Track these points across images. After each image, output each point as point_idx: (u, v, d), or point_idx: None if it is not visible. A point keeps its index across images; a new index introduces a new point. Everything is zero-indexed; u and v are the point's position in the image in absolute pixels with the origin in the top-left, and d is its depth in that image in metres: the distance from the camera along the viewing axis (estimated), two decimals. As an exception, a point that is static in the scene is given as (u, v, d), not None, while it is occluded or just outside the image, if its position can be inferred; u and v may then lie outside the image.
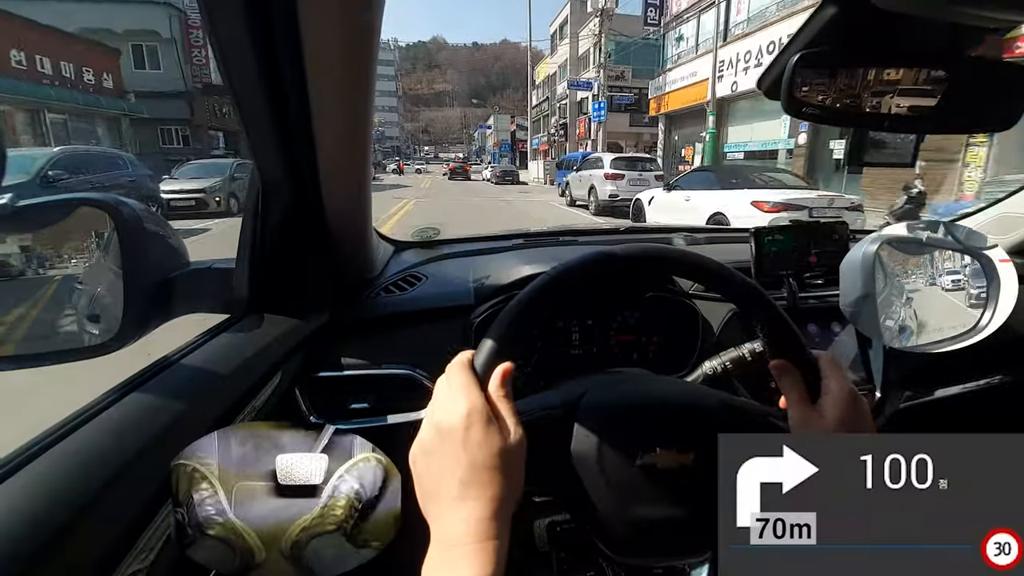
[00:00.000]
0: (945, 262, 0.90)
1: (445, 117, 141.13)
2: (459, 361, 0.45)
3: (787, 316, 0.51)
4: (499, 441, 0.40)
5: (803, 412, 0.48)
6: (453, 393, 0.42)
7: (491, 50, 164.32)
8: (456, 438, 0.40)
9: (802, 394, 0.49)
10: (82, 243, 0.58)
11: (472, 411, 0.40)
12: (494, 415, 0.41)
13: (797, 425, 0.49)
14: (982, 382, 1.09)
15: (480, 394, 0.42)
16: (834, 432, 0.47)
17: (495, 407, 0.42)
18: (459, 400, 0.41)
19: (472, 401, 0.41)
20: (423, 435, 0.42)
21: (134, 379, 0.54)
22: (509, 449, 0.40)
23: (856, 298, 0.85)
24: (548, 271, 0.49)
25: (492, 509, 0.38)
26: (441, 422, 0.41)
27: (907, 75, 0.47)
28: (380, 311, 0.92)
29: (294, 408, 0.79)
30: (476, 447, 0.39)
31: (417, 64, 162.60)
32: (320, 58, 0.52)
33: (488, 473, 0.39)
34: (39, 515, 0.37)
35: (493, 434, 0.40)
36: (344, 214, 0.77)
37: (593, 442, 0.48)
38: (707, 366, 0.73)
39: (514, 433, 0.41)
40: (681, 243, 1.31)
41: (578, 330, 0.96)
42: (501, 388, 0.43)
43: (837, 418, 0.47)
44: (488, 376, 0.43)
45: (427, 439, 0.41)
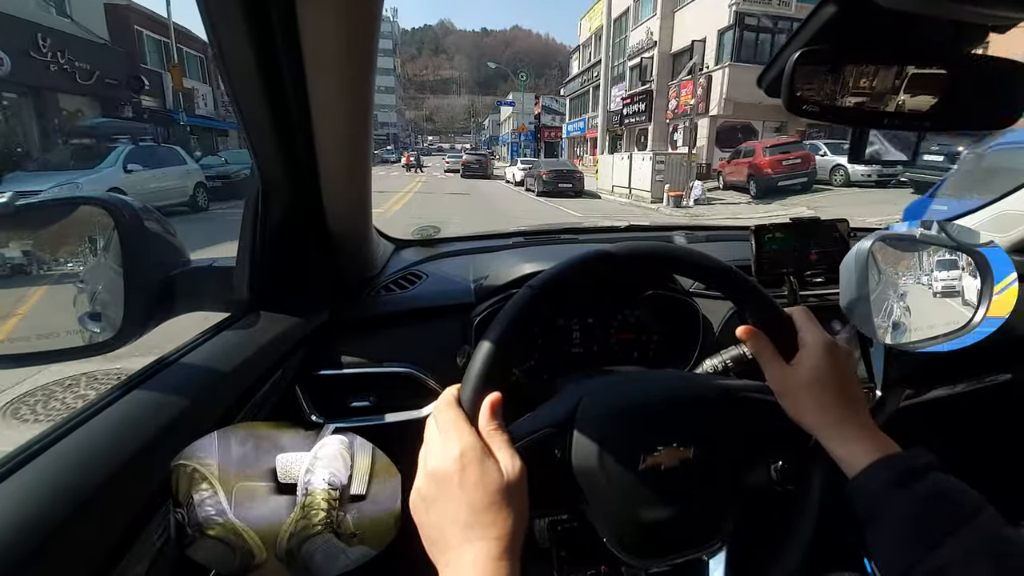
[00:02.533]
0: (938, 260, 0.90)
1: (451, 105, 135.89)
2: (445, 399, 0.43)
3: (755, 283, 0.51)
4: (497, 478, 0.39)
5: (779, 371, 0.49)
6: (443, 436, 0.41)
7: (501, 36, 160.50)
8: (452, 482, 0.39)
9: (773, 353, 0.49)
10: (83, 242, 0.58)
11: (464, 452, 0.39)
12: (488, 451, 0.40)
13: (776, 385, 0.49)
14: (982, 382, 1.09)
15: (471, 431, 0.41)
16: (809, 383, 0.47)
17: (488, 442, 0.41)
18: (450, 442, 0.40)
19: (463, 441, 0.40)
20: (419, 484, 0.41)
21: (135, 377, 0.54)
22: (508, 484, 0.39)
23: (856, 297, 0.85)
24: (517, 295, 0.47)
25: (500, 548, 0.37)
26: (435, 468, 0.40)
27: (907, 73, 0.47)
28: (380, 309, 0.92)
29: (295, 406, 0.79)
30: (473, 488, 0.38)
31: (423, 49, 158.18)
32: (320, 58, 0.51)
33: (490, 513, 0.38)
34: (39, 513, 0.37)
35: (489, 471, 0.39)
36: (344, 212, 0.77)
37: (594, 453, 0.48)
38: (707, 364, 0.73)
39: (511, 466, 0.40)
40: (682, 241, 1.31)
41: (579, 328, 0.96)
42: (492, 421, 0.42)
43: (811, 368, 0.47)
44: (477, 410, 0.42)
45: (424, 487, 0.40)
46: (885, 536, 0.41)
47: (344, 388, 0.84)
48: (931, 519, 0.39)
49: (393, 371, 0.84)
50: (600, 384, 0.56)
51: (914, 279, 0.90)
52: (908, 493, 0.40)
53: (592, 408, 0.51)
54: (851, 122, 0.51)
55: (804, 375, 0.47)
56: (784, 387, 0.49)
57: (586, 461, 0.48)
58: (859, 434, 0.45)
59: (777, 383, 0.49)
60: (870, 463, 0.43)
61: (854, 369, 0.50)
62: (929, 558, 0.37)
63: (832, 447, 0.46)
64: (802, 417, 0.48)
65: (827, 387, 0.47)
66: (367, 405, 0.84)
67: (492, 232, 1.39)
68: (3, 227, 0.55)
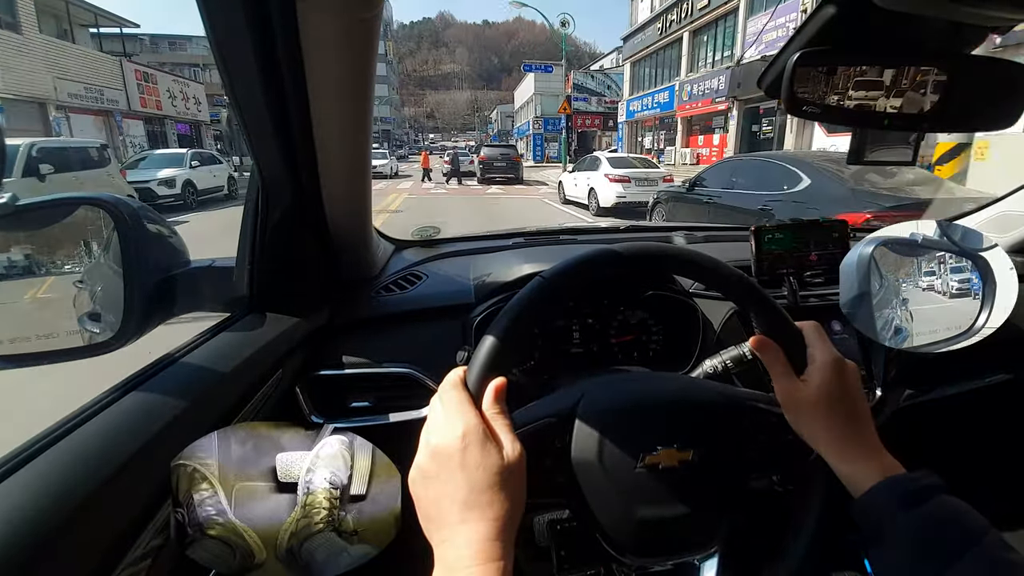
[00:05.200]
0: (939, 263, 0.90)
1: (453, 100, 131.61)
2: (451, 380, 0.44)
3: (768, 294, 0.51)
4: (497, 460, 0.39)
5: (787, 385, 0.49)
6: (447, 414, 0.41)
7: (504, 28, 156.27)
8: (454, 461, 0.39)
9: (784, 367, 0.49)
10: (82, 242, 0.58)
11: (468, 432, 0.40)
12: (490, 433, 0.41)
13: (783, 399, 0.49)
14: (982, 382, 1.10)
15: (475, 413, 0.41)
16: (817, 401, 0.47)
17: (491, 425, 0.41)
18: (454, 421, 0.40)
19: (467, 421, 0.40)
20: (420, 460, 0.41)
21: (135, 377, 0.54)
22: (508, 467, 0.40)
23: (855, 298, 0.85)
24: (527, 286, 0.47)
25: (495, 530, 0.38)
26: (437, 446, 0.40)
27: (907, 74, 0.47)
28: (380, 310, 0.92)
29: (295, 406, 0.79)
30: (474, 468, 0.39)
31: (422, 43, 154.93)
32: (320, 57, 0.52)
33: (489, 494, 0.38)
34: (39, 513, 0.37)
35: (491, 453, 0.39)
36: (344, 213, 0.77)
37: (594, 447, 0.48)
38: (707, 364, 0.73)
39: (512, 450, 0.41)
40: (681, 241, 1.31)
41: (579, 328, 0.96)
42: (495, 405, 0.42)
43: (820, 386, 0.47)
44: (482, 393, 0.43)
45: (424, 464, 0.41)
46: (889, 559, 0.41)
47: (344, 388, 0.84)
48: (935, 544, 0.39)
49: (393, 371, 0.84)
50: (605, 380, 0.56)
51: (915, 282, 0.90)
52: (913, 516, 0.40)
53: (595, 402, 0.51)
54: (851, 123, 0.51)
55: (813, 391, 0.47)
56: (792, 401, 0.49)
57: (585, 454, 0.48)
58: (864, 453, 0.45)
59: (785, 396, 0.49)
60: (875, 484, 0.43)
61: (860, 388, 0.50)
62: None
63: (836, 464, 0.46)
64: (807, 432, 0.48)
65: (835, 405, 0.47)
66: (367, 405, 0.84)
67: (492, 232, 1.39)
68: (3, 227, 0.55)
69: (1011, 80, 0.48)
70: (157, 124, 20.16)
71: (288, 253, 0.73)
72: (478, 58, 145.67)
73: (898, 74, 0.47)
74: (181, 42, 32.94)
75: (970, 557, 0.37)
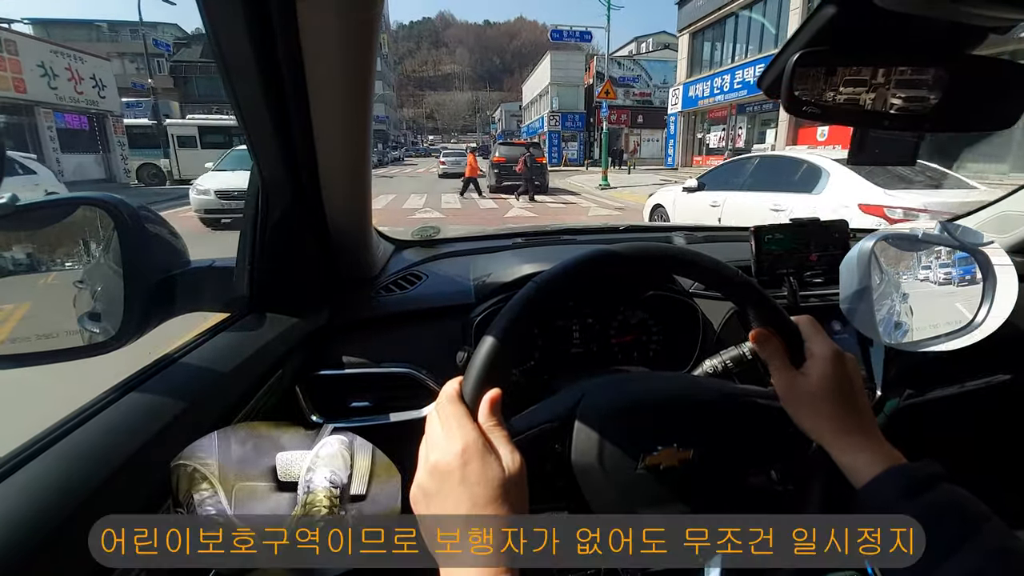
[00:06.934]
0: (940, 260, 0.90)
1: (454, 101, 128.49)
2: (447, 393, 0.44)
3: (765, 291, 0.51)
4: (498, 473, 0.39)
5: (787, 378, 0.49)
6: (446, 430, 0.41)
7: (505, 28, 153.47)
8: (454, 477, 0.39)
9: (784, 360, 0.49)
10: (82, 242, 0.58)
11: (467, 447, 0.39)
12: (489, 446, 0.40)
13: (783, 392, 0.49)
14: (982, 382, 1.10)
15: (473, 426, 0.41)
16: (817, 392, 0.47)
17: (488, 437, 0.41)
18: (452, 437, 0.40)
19: (466, 436, 0.40)
20: (420, 478, 0.41)
21: (134, 378, 0.54)
22: (509, 479, 0.39)
23: (855, 293, 0.85)
24: (520, 292, 0.47)
25: (499, 542, 0.37)
26: (437, 462, 0.40)
27: (907, 74, 0.47)
28: (380, 310, 0.92)
29: (295, 406, 0.79)
30: (475, 483, 0.39)
31: (422, 43, 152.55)
32: (320, 57, 0.51)
33: (491, 507, 0.38)
34: (39, 513, 0.37)
35: (491, 467, 0.39)
36: (344, 213, 0.77)
37: (594, 450, 0.48)
38: (708, 364, 0.73)
39: (512, 461, 0.40)
40: (681, 241, 1.31)
41: (579, 328, 0.96)
42: (492, 417, 0.42)
43: (821, 377, 0.47)
44: (478, 405, 0.42)
45: (424, 481, 0.41)
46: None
47: (344, 388, 0.84)
48: (938, 532, 0.39)
49: (393, 371, 0.84)
50: (603, 381, 0.56)
51: (915, 279, 0.90)
52: (915, 504, 0.40)
53: (594, 404, 0.51)
54: (851, 123, 0.51)
55: (813, 383, 0.47)
56: (792, 393, 0.49)
57: (585, 457, 0.48)
58: (866, 444, 0.45)
59: (785, 389, 0.49)
60: (877, 474, 0.43)
61: (860, 380, 0.50)
62: (936, 572, 0.37)
63: (838, 456, 0.46)
64: (808, 424, 0.48)
65: (836, 397, 0.47)
66: (367, 405, 0.84)
67: (492, 232, 1.39)
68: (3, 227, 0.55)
69: (1011, 80, 0.48)
70: (14, 114, 13.62)
71: (288, 253, 0.73)
72: (479, 58, 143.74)
73: (898, 74, 0.47)
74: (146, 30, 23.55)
75: (973, 545, 0.37)
